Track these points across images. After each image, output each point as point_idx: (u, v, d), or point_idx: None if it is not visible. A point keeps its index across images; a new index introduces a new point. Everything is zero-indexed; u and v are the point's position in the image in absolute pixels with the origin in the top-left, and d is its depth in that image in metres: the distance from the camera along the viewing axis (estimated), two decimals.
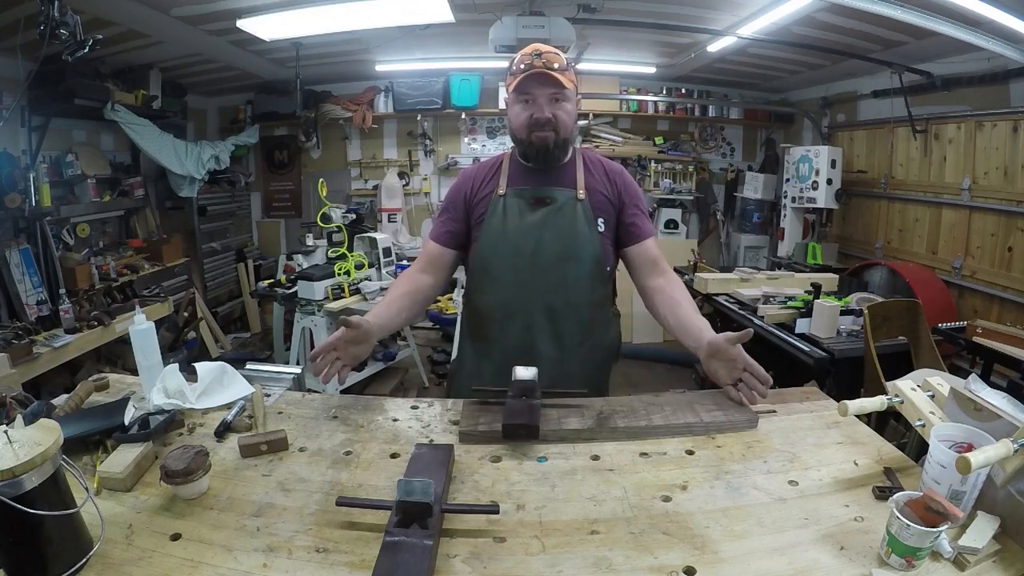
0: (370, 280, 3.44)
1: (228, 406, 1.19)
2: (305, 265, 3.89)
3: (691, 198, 5.43)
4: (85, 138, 4.07)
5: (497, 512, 0.82)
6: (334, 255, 3.36)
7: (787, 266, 4.27)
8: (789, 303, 2.83)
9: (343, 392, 3.26)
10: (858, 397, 1.00)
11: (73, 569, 0.71)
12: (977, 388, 0.89)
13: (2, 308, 3.23)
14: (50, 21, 2.06)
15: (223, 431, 1.08)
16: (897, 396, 1.00)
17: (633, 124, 5.48)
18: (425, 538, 0.75)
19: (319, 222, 3.40)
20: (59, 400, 1.17)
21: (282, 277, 3.75)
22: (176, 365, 1.22)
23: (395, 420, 1.16)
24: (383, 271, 3.56)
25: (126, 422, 1.03)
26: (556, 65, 1.29)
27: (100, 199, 4.00)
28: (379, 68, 4.74)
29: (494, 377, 1.25)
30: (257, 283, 4.51)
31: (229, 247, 5.39)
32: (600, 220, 1.39)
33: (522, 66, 1.30)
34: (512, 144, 1.44)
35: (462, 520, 0.83)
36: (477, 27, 3.35)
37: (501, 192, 1.40)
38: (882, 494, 0.88)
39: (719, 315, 3.24)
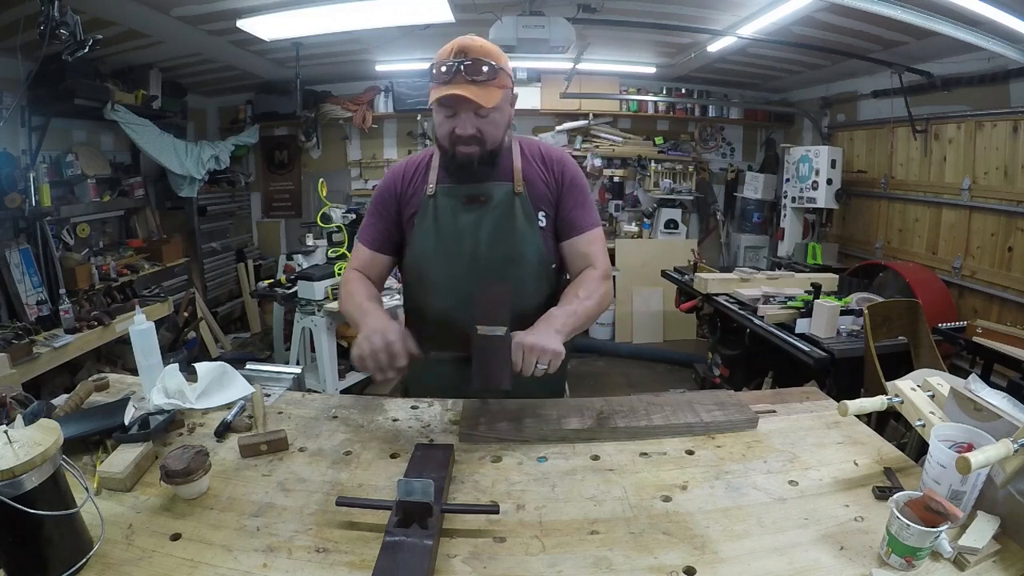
0: None
1: (228, 406, 1.19)
2: (305, 265, 3.89)
3: (691, 198, 5.42)
4: (85, 138, 4.07)
5: (497, 512, 0.82)
6: (334, 255, 3.36)
7: (787, 266, 4.27)
8: (789, 303, 2.83)
9: (343, 392, 3.27)
10: (858, 397, 1.00)
11: (73, 569, 0.71)
12: (977, 388, 0.89)
13: (2, 308, 3.23)
14: (50, 21, 2.06)
15: (223, 431, 1.08)
16: (897, 396, 1.00)
17: (633, 124, 5.47)
18: (425, 538, 0.75)
19: (319, 222, 3.40)
20: (59, 400, 1.17)
21: (282, 277, 3.75)
22: (176, 365, 1.23)
23: (395, 420, 1.16)
24: None
25: (126, 422, 1.04)
26: (484, 71, 1.13)
27: (100, 199, 3.99)
28: (379, 68, 4.73)
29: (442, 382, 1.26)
30: (257, 283, 4.51)
31: (229, 247, 5.39)
32: (541, 214, 1.29)
33: (444, 73, 1.14)
34: None
35: (462, 520, 0.83)
36: (477, 27, 3.31)
37: (430, 192, 1.29)
38: (882, 494, 0.88)
39: (719, 315, 3.24)
